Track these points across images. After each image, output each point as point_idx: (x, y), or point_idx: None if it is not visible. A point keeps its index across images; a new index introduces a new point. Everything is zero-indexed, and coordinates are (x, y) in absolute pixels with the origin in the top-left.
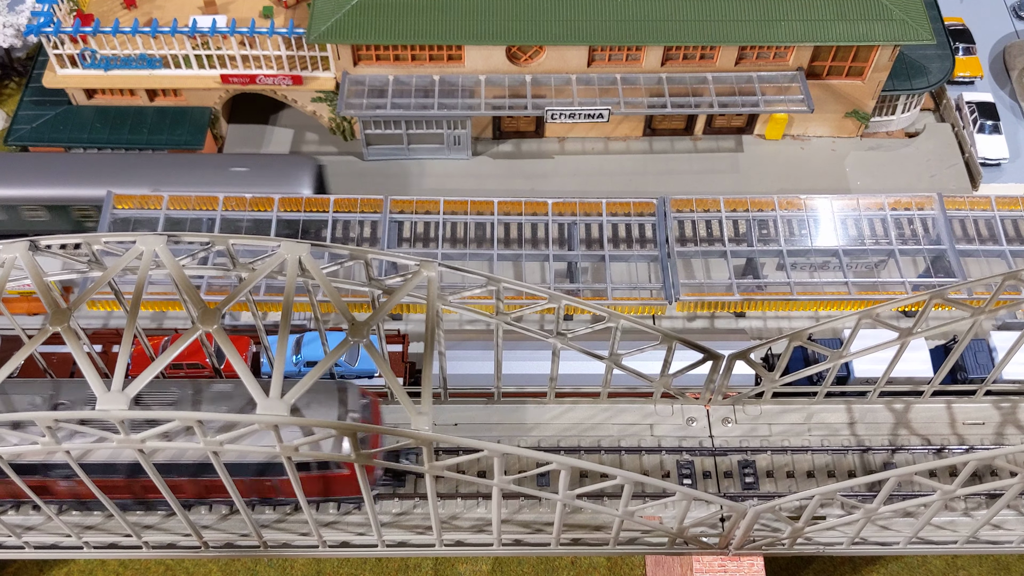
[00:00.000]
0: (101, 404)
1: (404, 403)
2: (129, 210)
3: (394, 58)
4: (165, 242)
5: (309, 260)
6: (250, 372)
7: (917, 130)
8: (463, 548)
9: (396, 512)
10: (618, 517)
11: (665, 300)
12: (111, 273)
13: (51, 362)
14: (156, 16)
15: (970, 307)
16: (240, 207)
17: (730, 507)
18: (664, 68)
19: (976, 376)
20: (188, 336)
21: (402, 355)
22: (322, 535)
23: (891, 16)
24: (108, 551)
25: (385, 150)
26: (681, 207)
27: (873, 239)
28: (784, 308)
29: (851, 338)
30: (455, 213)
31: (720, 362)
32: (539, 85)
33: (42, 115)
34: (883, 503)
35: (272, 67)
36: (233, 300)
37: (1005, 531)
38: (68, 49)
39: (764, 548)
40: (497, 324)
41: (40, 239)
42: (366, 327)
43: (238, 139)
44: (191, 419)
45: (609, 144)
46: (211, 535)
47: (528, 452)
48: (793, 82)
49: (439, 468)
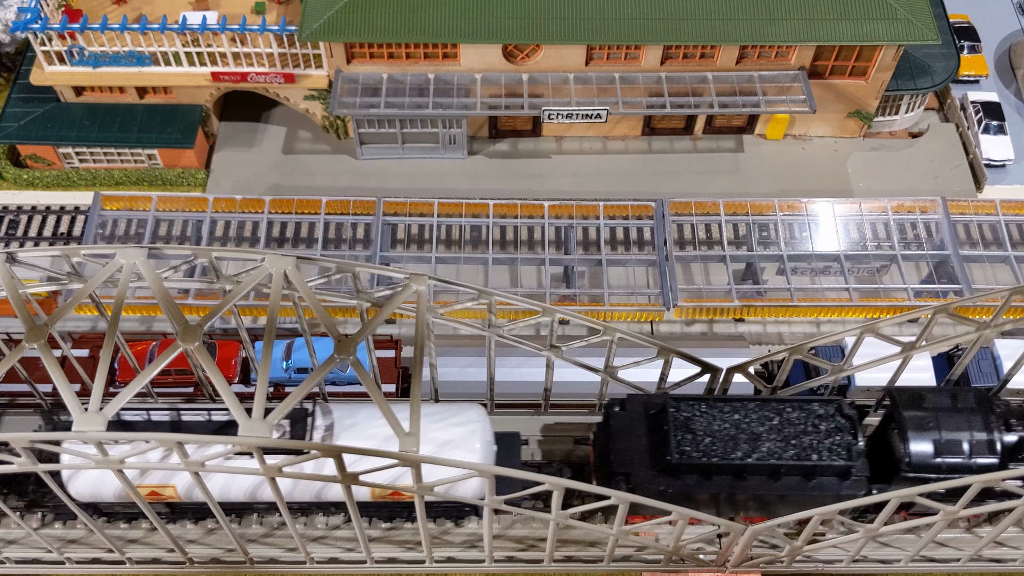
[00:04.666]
0: (78, 425)
1: (391, 424)
2: (117, 211)
3: (388, 56)
4: (145, 255)
5: (294, 274)
6: (231, 392)
7: (921, 130)
8: (454, 565)
9: (385, 527)
10: (612, 536)
11: (663, 306)
12: (90, 288)
13: (36, 368)
14: (145, 12)
15: (976, 321)
16: (230, 208)
17: (727, 526)
18: (663, 67)
19: (980, 385)
20: (168, 355)
21: (395, 361)
22: (309, 551)
23: (896, 15)
24: (90, 567)
25: (379, 149)
26: (680, 210)
27: (875, 243)
28: (784, 314)
29: (852, 352)
30: (450, 215)
31: (718, 375)
32: (536, 84)
33: (30, 113)
34: (884, 523)
35: (264, 65)
36: (215, 316)
37: (1009, 549)
38: (56, 46)
39: (762, 566)
40: (489, 337)
41: (17, 251)
42: (352, 344)
43: (230, 137)
44: (170, 440)
45: (607, 143)
46: (196, 550)
47: (519, 474)
48: (795, 82)
49: (427, 489)
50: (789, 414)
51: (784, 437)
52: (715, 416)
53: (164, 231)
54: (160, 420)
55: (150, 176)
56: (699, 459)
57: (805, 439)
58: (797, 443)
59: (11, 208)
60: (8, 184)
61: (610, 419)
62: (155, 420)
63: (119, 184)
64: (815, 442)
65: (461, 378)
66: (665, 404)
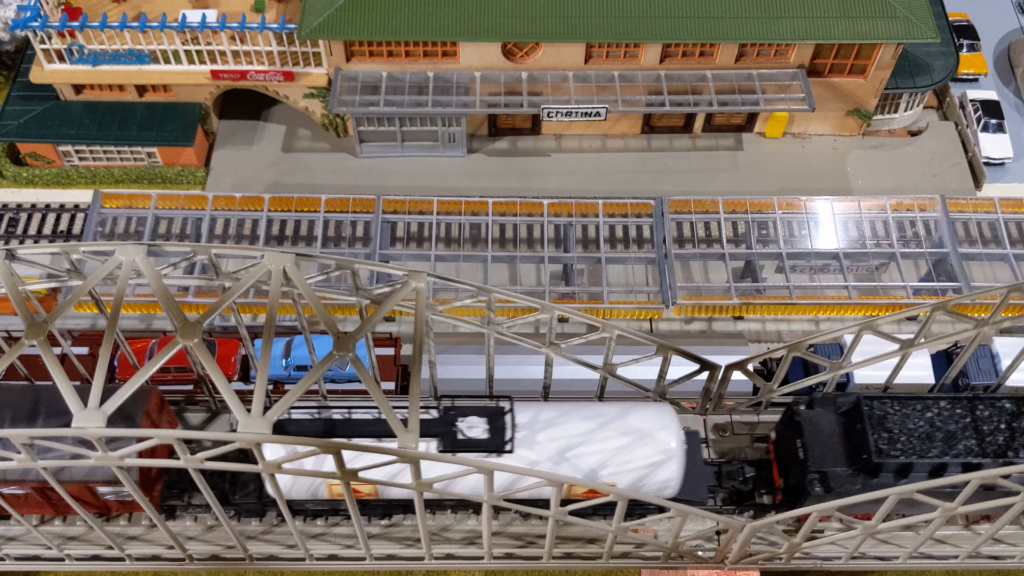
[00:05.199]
0: (77, 421)
1: (391, 420)
2: (117, 209)
3: (387, 54)
4: (144, 252)
5: (294, 271)
6: (230, 388)
7: (920, 128)
8: (453, 562)
9: (385, 524)
10: (611, 532)
11: (662, 304)
12: (90, 285)
13: (36, 366)
14: (145, 11)
15: (974, 318)
16: (230, 206)
17: (726, 522)
18: (663, 65)
19: (979, 383)
20: (167, 351)
21: (394, 358)
22: (309, 548)
23: (895, 13)
24: (90, 563)
25: (379, 147)
26: (679, 208)
27: (874, 241)
28: (783, 312)
29: (851, 349)
30: (449, 213)
31: (717, 372)
32: (535, 82)
33: (30, 111)
34: (882, 520)
35: (263, 63)
36: (214, 313)
37: (1008, 546)
38: (55, 44)
39: (761, 563)
40: (488, 334)
41: (17, 248)
42: (351, 341)
43: (229, 135)
44: (170, 437)
45: (607, 142)
46: (196, 547)
47: (518, 470)
48: (794, 80)
49: (427, 485)
50: (981, 412)
51: (979, 435)
52: (908, 414)
53: (164, 229)
54: (330, 419)
55: (150, 174)
56: (897, 457)
57: (999, 437)
58: (991, 441)
59: (11, 206)
60: (8, 182)
61: (796, 417)
62: (323, 419)
63: (119, 182)
64: (1008, 439)
65: (460, 376)
66: (858, 402)
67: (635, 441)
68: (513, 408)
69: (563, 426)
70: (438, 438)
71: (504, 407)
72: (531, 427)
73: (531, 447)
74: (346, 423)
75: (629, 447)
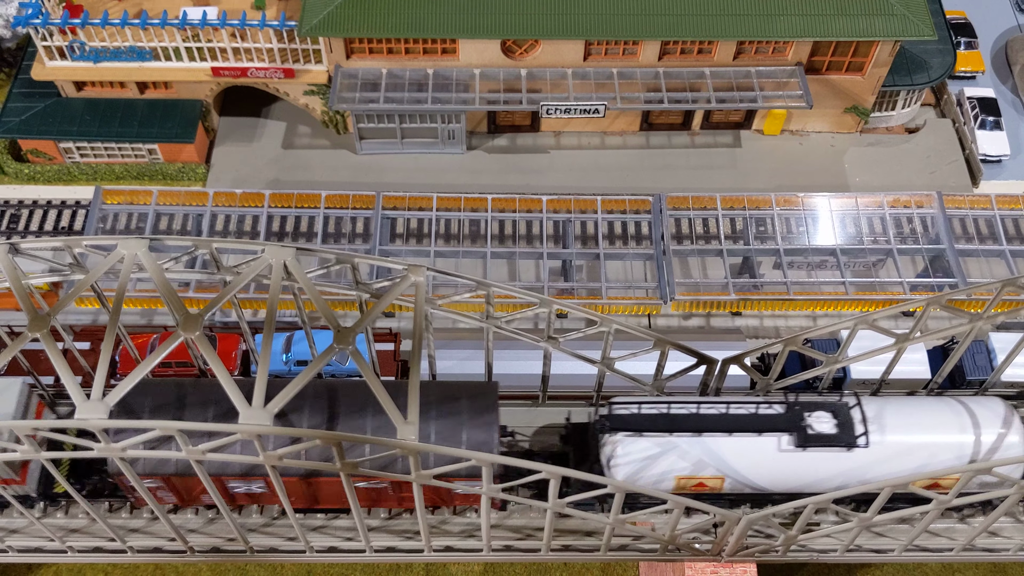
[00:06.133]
0: (80, 413)
1: (391, 413)
2: (118, 205)
3: (387, 51)
4: (147, 246)
5: (294, 264)
6: (232, 380)
7: (917, 126)
8: (452, 554)
9: (384, 517)
10: (609, 524)
11: (660, 300)
12: (92, 278)
13: (39, 360)
14: (146, 8)
15: (969, 313)
16: (230, 202)
17: (722, 515)
18: (661, 63)
19: (975, 378)
20: (169, 343)
21: (394, 354)
22: (309, 540)
23: (892, 11)
24: (92, 555)
25: (378, 144)
26: (677, 204)
27: (871, 238)
28: (780, 308)
29: (847, 343)
30: (449, 210)
31: (714, 366)
32: (534, 79)
33: (31, 107)
34: (877, 512)
35: (264, 60)
36: (216, 306)
37: (1003, 539)
38: (57, 41)
39: (757, 555)
40: (487, 328)
41: (20, 242)
42: (352, 334)
43: (230, 132)
44: (172, 428)
45: (605, 139)
46: (197, 539)
47: (517, 462)
48: (792, 77)
49: (426, 477)
50: None
51: None
52: None
53: (164, 225)
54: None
55: (150, 171)
56: None
57: None
58: None
59: (12, 203)
60: (9, 179)
61: None
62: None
63: (120, 179)
64: None
65: (459, 370)
66: None
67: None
68: (861, 402)
69: (913, 420)
70: (789, 433)
71: (849, 402)
72: (879, 421)
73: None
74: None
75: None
